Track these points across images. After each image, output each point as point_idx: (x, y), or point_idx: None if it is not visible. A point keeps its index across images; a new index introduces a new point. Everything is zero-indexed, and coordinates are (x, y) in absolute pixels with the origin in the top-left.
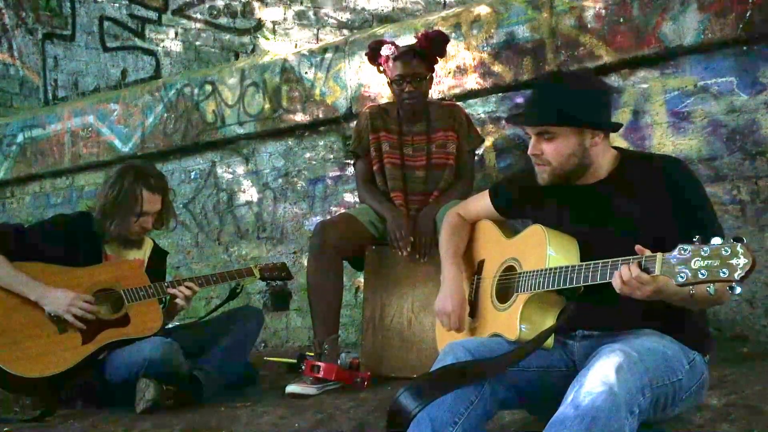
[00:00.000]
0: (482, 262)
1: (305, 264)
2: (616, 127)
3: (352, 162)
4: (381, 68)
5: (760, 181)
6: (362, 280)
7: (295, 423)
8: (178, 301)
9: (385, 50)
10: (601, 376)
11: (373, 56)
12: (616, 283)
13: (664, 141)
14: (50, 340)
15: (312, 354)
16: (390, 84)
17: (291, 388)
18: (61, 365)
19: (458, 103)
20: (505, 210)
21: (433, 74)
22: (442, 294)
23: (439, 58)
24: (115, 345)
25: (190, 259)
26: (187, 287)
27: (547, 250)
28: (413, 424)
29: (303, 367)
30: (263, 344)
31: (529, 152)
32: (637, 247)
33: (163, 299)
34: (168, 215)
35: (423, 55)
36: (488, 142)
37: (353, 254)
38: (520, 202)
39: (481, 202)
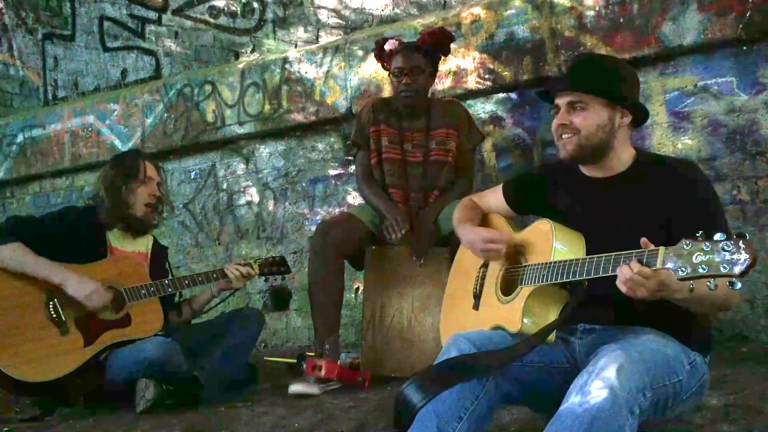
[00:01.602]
0: None
1: (306, 264)
2: (646, 114)
3: (353, 153)
4: (385, 64)
5: (760, 181)
6: (362, 280)
7: (295, 423)
8: (234, 284)
9: (389, 45)
10: (601, 376)
11: (380, 52)
12: (620, 284)
13: (664, 141)
14: (52, 343)
15: (312, 354)
16: (390, 78)
17: (294, 388)
18: (64, 368)
19: None
20: (517, 205)
21: (436, 71)
22: (470, 236)
23: (442, 56)
24: (115, 345)
25: (190, 259)
26: (238, 268)
27: (553, 244)
28: (418, 418)
29: (304, 366)
30: (263, 344)
31: (555, 123)
32: (643, 240)
33: (177, 293)
34: (167, 191)
35: (425, 51)
36: (488, 142)
37: (354, 253)
38: (533, 198)
39: (494, 197)
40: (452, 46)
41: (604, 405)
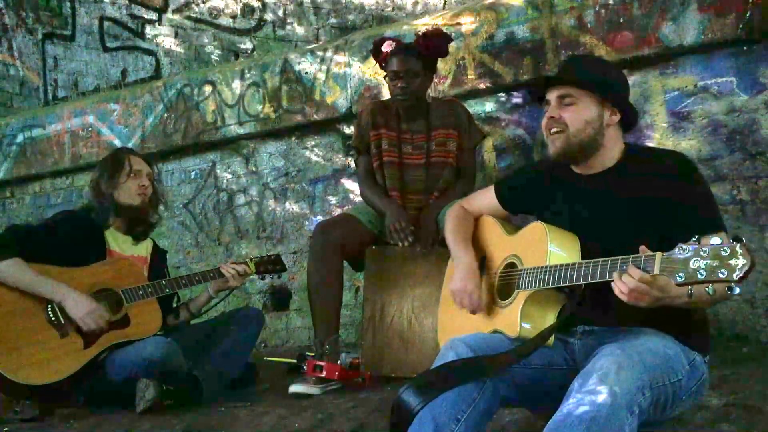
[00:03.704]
0: (483, 258)
1: (306, 264)
2: (634, 117)
3: (353, 156)
4: (382, 65)
5: (760, 181)
6: (362, 280)
7: (295, 423)
8: (230, 283)
9: (386, 46)
10: (601, 375)
11: (376, 53)
12: (622, 295)
13: (664, 141)
14: (52, 346)
15: (312, 354)
16: (387, 80)
17: (294, 388)
18: (64, 371)
19: None
20: (510, 204)
21: (433, 73)
22: (459, 274)
23: (440, 58)
24: (115, 346)
25: (190, 259)
26: (233, 267)
27: (548, 247)
28: (415, 421)
29: (305, 367)
30: (263, 344)
31: (546, 117)
32: (641, 247)
33: (176, 295)
34: (161, 189)
35: (421, 53)
36: (488, 142)
37: (354, 254)
38: (525, 196)
39: (485, 197)
40: (452, 45)
41: (603, 405)
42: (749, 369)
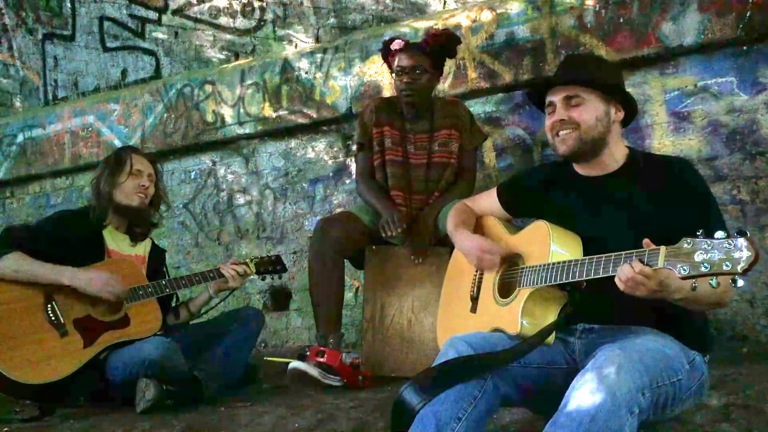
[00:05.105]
0: None
1: (305, 264)
2: (635, 111)
3: (353, 153)
4: (390, 64)
5: (760, 181)
6: (362, 280)
7: (295, 423)
8: (230, 283)
9: (395, 44)
10: (600, 375)
11: (386, 52)
12: (620, 282)
13: (664, 141)
14: (52, 345)
15: None
16: (393, 77)
17: (294, 364)
18: (63, 370)
19: None
20: (512, 208)
21: (440, 74)
22: (467, 241)
23: (448, 58)
24: (115, 345)
25: (190, 259)
26: (234, 267)
27: (550, 246)
28: (417, 420)
29: (308, 352)
30: (263, 344)
31: (552, 120)
32: (645, 240)
33: (175, 294)
34: (164, 188)
35: (429, 52)
36: (488, 142)
37: (354, 252)
38: (528, 198)
39: (488, 200)
40: None
41: (603, 405)
42: (749, 369)
